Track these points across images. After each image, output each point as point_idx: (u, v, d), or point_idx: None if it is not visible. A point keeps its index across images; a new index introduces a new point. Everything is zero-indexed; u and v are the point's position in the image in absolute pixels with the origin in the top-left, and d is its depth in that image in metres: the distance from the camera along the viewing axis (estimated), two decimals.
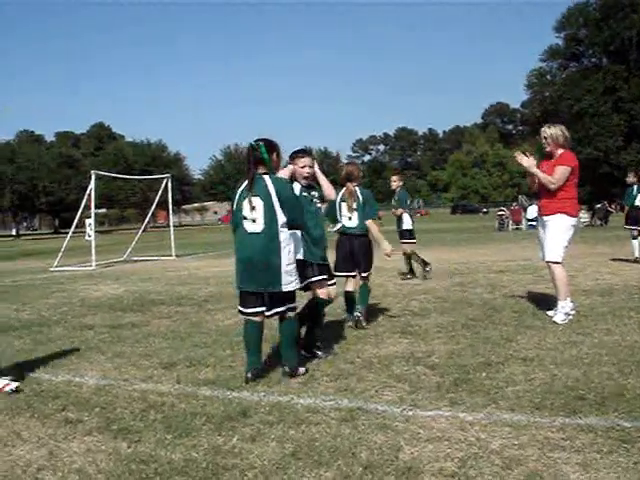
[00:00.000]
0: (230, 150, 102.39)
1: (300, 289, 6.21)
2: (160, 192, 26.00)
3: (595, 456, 3.73)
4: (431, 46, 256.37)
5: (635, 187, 15.37)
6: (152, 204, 29.02)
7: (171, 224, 27.52)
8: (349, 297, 8.19)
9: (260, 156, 5.80)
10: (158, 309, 10.35)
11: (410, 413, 4.64)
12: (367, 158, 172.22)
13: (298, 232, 6.19)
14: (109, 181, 77.43)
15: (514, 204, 42.25)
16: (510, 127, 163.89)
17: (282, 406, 4.91)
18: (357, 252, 8.05)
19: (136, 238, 25.53)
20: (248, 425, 4.51)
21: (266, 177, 5.78)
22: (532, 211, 36.55)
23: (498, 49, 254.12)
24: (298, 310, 6.14)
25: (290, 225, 5.83)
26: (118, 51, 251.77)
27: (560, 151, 7.93)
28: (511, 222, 36.77)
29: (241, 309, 5.91)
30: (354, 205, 8.13)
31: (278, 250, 5.71)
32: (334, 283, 6.83)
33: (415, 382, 5.39)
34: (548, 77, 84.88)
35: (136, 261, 22.83)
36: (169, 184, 24.95)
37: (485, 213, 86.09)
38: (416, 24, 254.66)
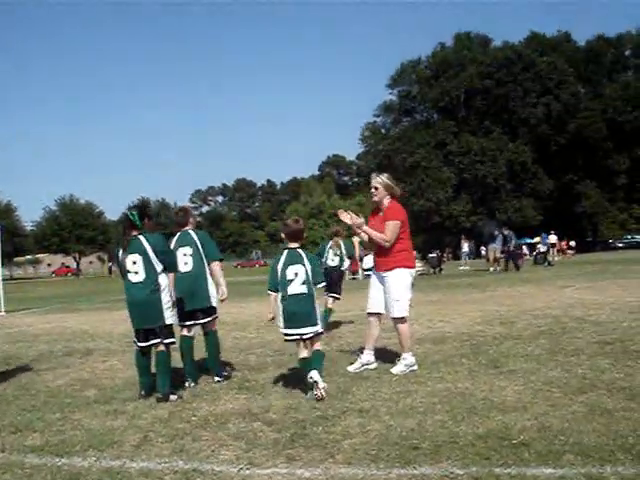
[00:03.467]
0: (65, 201, 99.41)
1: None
2: None
3: None
4: (268, 99, 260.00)
5: None
6: None
7: (0, 277, 26.24)
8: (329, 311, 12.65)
9: (134, 222, 7.05)
10: None
11: (247, 472, 4.57)
12: (205, 209, 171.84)
13: None
14: None
15: None
16: (346, 179, 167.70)
17: (114, 471, 4.71)
18: (335, 280, 12.79)
19: None
20: None
21: (141, 237, 7.03)
22: (368, 261, 37.35)
23: (335, 102, 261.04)
24: None
25: (167, 270, 7.12)
26: None
27: (387, 202, 7.94)
28: (348, 272, 37.35)
29: (136, 342, 7.20)
30: (338, 252, 13.03)
31: (158, 293, 7.00)
32: None
33: (252, 439, 5.31)
34: (382, 131, 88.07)
35: None
36: None
37: None
38: (253, 75, 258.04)
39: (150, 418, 6.24)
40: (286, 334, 7.06)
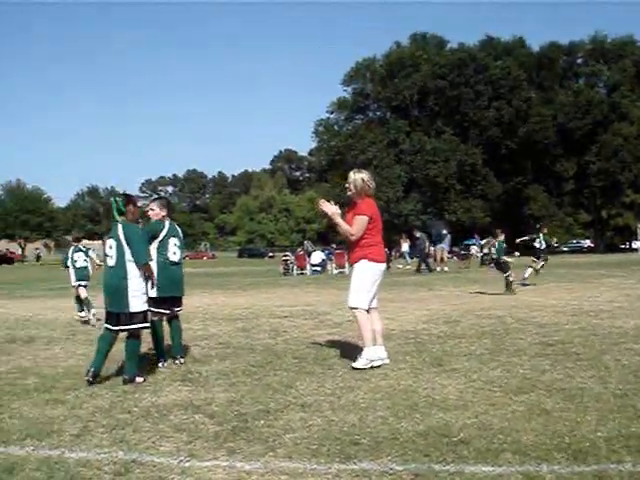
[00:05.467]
0: (12, 186, 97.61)
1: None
2: None
3: None
4: (222, 90, 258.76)
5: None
6: None
7: None
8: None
9: (118, 207, 7.39)
10: None
11: (187, 464, 4.54)
12: None
13: None
14: None
15: (299, 249, 42.94)
16: (298, 174, 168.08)
17: (52, 461, 4.64)
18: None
19: None
20: None
21: (119, 224, 7.34)
22: (316, 256, 37.41)
23: (289, 96, 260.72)
24: None
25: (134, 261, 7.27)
26: None
27: (360, 198, 7.96)
28: (296, 267, 37.31)
29: (105, 324, 7.42)
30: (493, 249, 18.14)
31: (126, 280, 7.21)
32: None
33: (193, 431, 5.28)
34: (335, 128, 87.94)
35: None
36: None
37: (271, 257, 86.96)
38: (208, 66, 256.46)
39: (91, 408, 6.17)
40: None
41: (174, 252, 8.36)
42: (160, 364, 8.19)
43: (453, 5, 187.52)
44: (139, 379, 7.26)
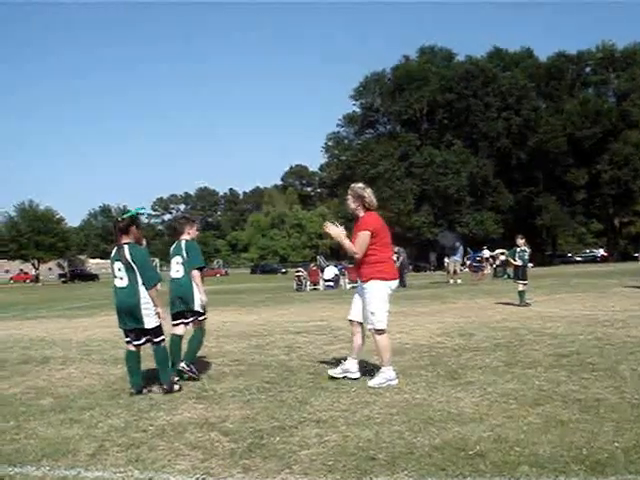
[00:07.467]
0: (24, 207, 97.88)
1: None
2: None
3: None
4: (233, 106, 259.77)
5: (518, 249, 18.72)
6: None
7: None
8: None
9: (123, 228, 7.51)
10: None
11: None
12: (167, 217, 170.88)
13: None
14: None
15: (312, 264, 42.94)
16: (309, 189, 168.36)
17: None
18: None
19: None
20: None
21: (126, 246, 7.45)
22: (329, 272, 37.36)
23: (299, 112, 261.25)
24: None
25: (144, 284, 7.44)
26: None
27: (362, 213, 7.87)
28: (309, 282, 37.25)
29: (127, 342, 7.66)
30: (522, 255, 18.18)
31: (138, 299, 7.39)
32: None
33: (209, 449, 5.28)
34: (345, 142, 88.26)
35: None
36: None
37: (284, 273, 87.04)
38: (218, 83, 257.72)
39: (106, 427, 6.17)
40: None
41: (177, 270, 8.67)
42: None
43: (461, 15, 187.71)
44: (176, 387, 7.67)
